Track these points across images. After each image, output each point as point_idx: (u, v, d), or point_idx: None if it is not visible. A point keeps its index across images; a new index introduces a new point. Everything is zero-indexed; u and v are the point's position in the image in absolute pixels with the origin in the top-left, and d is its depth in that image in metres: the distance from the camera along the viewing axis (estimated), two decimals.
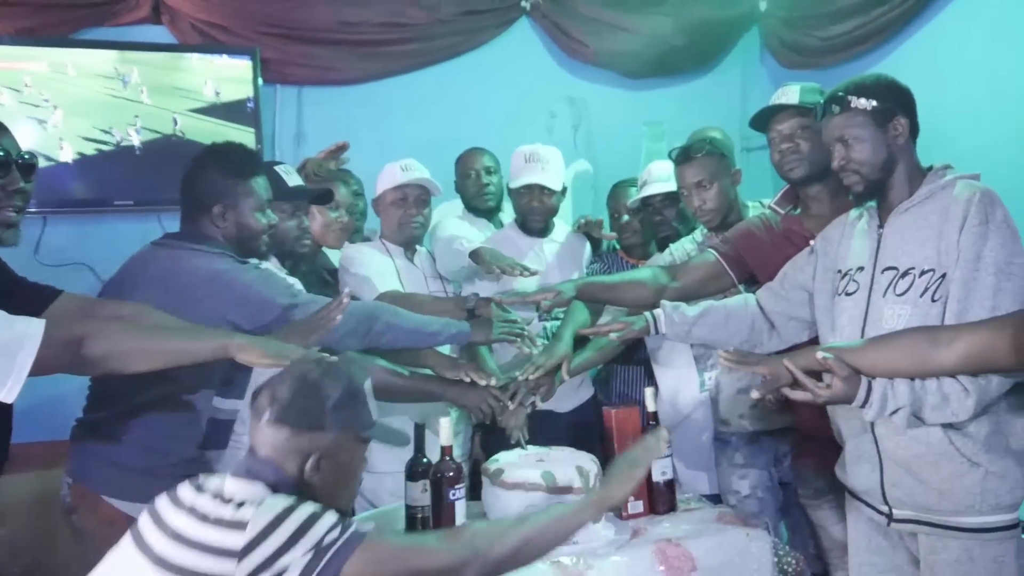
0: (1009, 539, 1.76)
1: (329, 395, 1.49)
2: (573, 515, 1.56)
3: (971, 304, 1.73)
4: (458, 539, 1.48)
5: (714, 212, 2.57)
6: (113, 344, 1.69)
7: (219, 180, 2.14)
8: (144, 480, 1.98)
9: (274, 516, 1.34)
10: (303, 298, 2.16)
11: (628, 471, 1.64)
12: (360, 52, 3.99)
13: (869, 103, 1.90)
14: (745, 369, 1.86)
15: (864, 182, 1.92)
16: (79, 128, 3.54)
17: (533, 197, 2.95)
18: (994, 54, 3.24)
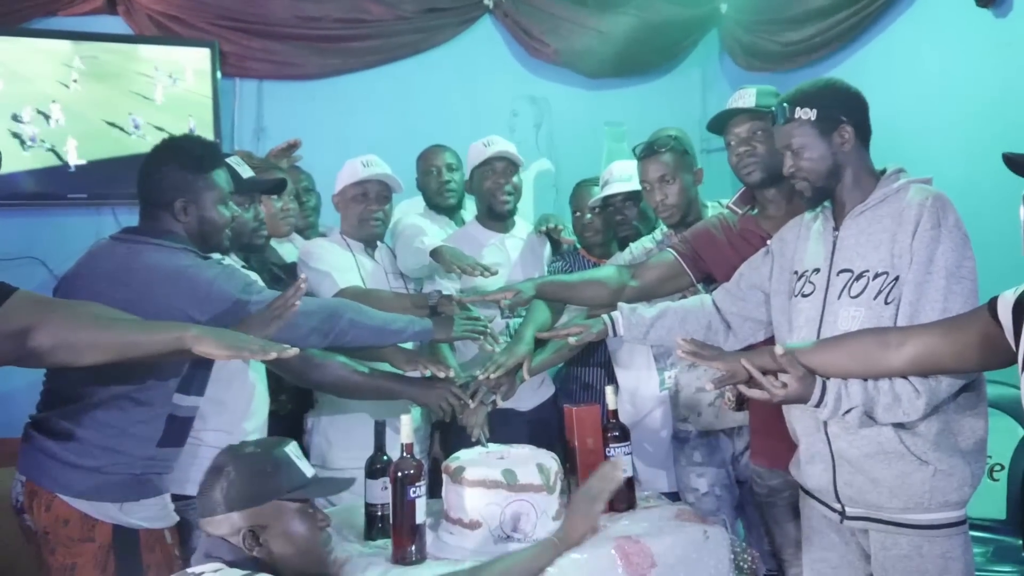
0: (956, 535, 1.81)
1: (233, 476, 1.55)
2: (535, 559, 1.68)
3: (923, 306, 1.77)
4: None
5: (675, 208, 2.59)
6: (62, 335, 1.65)
7: (179, 174, 2.10)
8: (99, 478, 1.96)
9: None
10: (266, 294, 2.13)
11: (587, 508, 1.79)
12: (320, 47, 3.96)
13: (812, 112, 1.93)
14: (701, 362, 1.88)
15: (811, 189, 1.96)
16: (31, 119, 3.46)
17: (499, 174, 2.94)
18: (947, 61, 3.31)
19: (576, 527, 1.77)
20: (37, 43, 3.49)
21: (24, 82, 3.46)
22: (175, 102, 3.67)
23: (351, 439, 2.59)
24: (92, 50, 3.55)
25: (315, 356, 2.39)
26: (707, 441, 2.61)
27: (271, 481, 1.55)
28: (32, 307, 1.70)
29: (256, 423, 2.36)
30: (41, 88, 3.48)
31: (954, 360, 1.68)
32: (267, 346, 1.70)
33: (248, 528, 1.53)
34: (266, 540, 1.52)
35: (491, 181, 2.95)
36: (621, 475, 1.90)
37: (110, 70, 3.58)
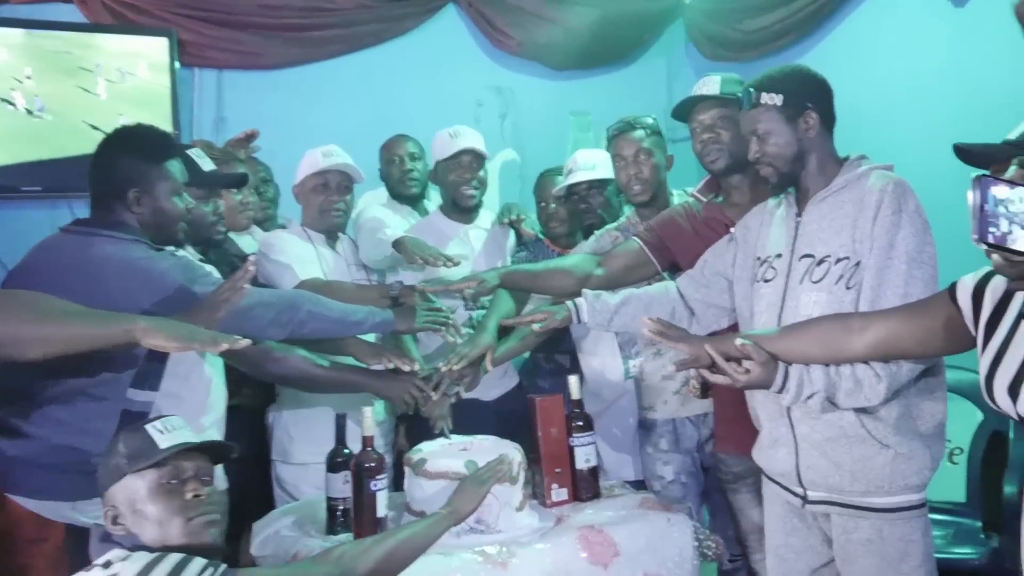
0: (917, 518, 1.82)
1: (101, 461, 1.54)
2: (428, 528, 1.77)
3: (884, 291, 1.78)
4: (326, 560, 1.60)
5: (647, 184, 2.59)
6: (6, 329, 1.61)
7: (132, 164, 2.05)
8: (53, 477, 1.92)
9: (142, 566, 1.37)
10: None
11: (475, 489, 1.91)
12: (282, 37, 3.91)
13: (778, 98, 1.93)
14: (666, 342, 1.88)
15: (776, 175, 1.97)
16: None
17: (465, 168, 2.91)
18: (908, 48, 3.35)
19: (464, 505, 1.88)
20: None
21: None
22: (132, 92, 3.59)
23: (313, 433, 2.56)
24: (46, 39, 3.46)
25: (274, 349, 2.35)
26: (673, 428, 2.61)
27: (121, 460, 1.52)
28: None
29: (213, 417, 2.32)
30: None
31: (915, 345, 1.69)
32: (218, 337, 1.67)
33: (107, 509, 1.52)
34: (123, 520, 1.50)
35: (456, 175, 2.92)
36: (507, 470, 2.02)
37: (65, 60, 3.49)
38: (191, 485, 1.51)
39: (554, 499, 2.27)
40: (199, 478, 1.53)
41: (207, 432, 2.28)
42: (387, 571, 1.65)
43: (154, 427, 1.54)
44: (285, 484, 2.69)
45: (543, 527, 2.11)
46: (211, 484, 1.56)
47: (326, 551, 1.64)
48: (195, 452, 1.55)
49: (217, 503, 1.55)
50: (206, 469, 1.56)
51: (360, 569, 1.59)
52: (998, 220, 1.16)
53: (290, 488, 2.67)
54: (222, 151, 2.85)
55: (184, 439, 1.54)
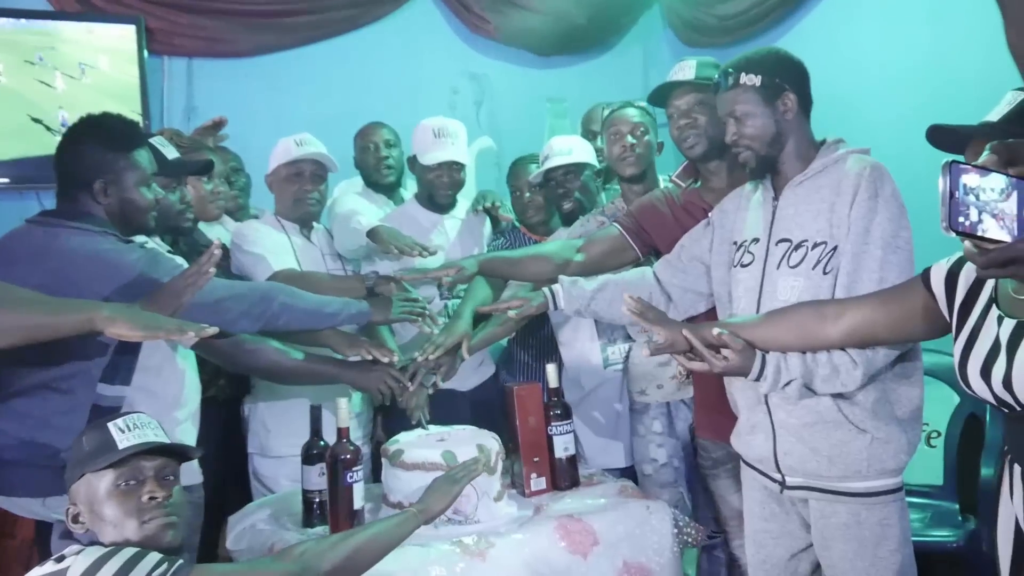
0: (894, 502, 1.83)
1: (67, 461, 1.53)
2: (397, 527, 1.72)
3: (860, 276, 1.78)
4: (288, 557, 1.56)
5: (640, 158, 2.61)
6: None
7: (98, 154, 2.01)
8: (21, 473, 1.88)
9: (93, 560, 1.35)
10: None
11: (447, 488, 1.87)
12: (253, 23, 3.86)
13: (757, 79, 1.92)
14: (644, 324, 1.87)
15: (755, 158, 1.95)
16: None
17: (445, 174, 2.87)
18: (883, 32, 3.35)
19: (436, 503, 1.84)
20: None
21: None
22: (99, 81, 3.53)
23: (289, 425, 2.53)
24: (10, 28, 3.39)
25: (247, 341, 2.32)
26: (667, 411, 2.61)
27: (81, 458, 1.49)
28: None
29: (188, 411, 2.28)
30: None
31: (890, 331, 1.69)
32: (184, 326, 1.64)
33: (68, 507, 1.50)
34: (83, 518, 1.48)
35: (434, 176, 2.88)
36: (481, 469, 1.98)
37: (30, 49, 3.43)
38: (148, 487, 1.47)
39: (533, 488, 2.26)
40: (159, 479, 1.49)
41: (182, 426, 2.24)
42: (352, 569, 1.61)
43: (116, 425, 1.50)
44: (262, 477, 2.66)
45: (522, 517, 2.10)
46: (174, 484, 1.52)
47: (289, 548, 1.61)
48: (158, 451, 1.51)
49: (177, 504, 1.51)
50: (168, 469, 1.52)
51: (323, 567, 1.55)
52: (968, 208, 1.15)
53: (267, 481, 2.64)
54: (190, 139, 2.80)
55: (145, 439, 1.50)
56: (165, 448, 1.53)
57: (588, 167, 2.82)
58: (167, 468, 1.52)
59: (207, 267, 1.83)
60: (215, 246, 1.86)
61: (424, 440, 2.18)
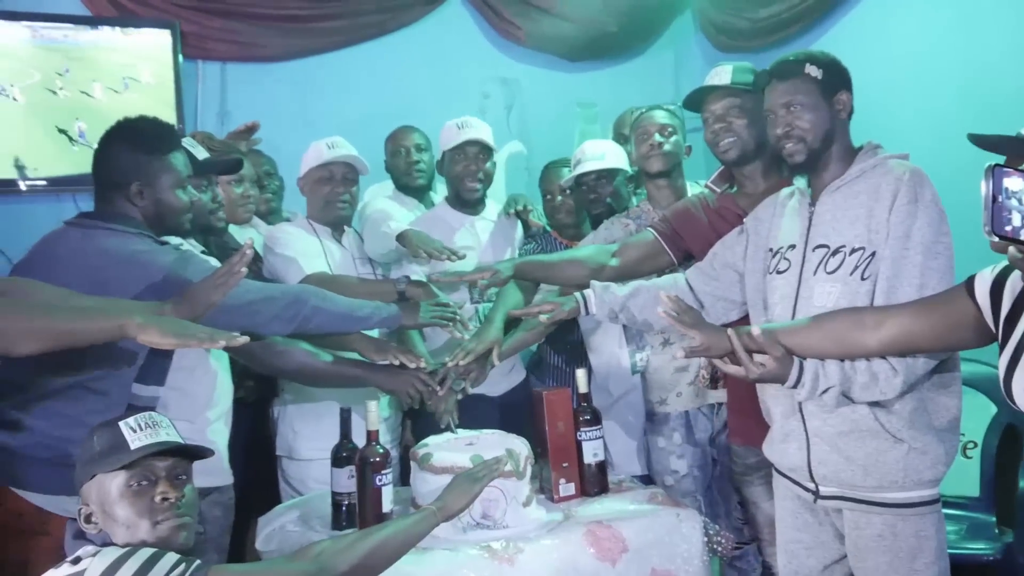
0: (930, 513, 1.79)
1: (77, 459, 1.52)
2: (415, 525, 1.71)
3: (899, 283, 1.75)
4: (305, 557, 1.55)
5: (668, 156, 2.61)
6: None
7: (133, 156, 2.04)
8: (53, 471, 1.89)
9: (111, 562, 1.34)
10: None
11: (467, 486, 1.86)
12: (284, 28, 3.89)
13: (820, 72, 1.91)
14: (679, 327, 1.85)
15: (806, 151, 1.91)
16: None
17: (471, 160, 2.87)
18: (915, 35, 3.30)
19: (455, 502, 1.83)
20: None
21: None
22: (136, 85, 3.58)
23: (317, 427, 2.54)
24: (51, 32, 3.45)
25: (278, 343, 2.33)
26: (686, 421, 2.59)
27: (93, 458, 1.49)
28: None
29: (219, 411, 2.30)
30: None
31: (931, 340, 1.66)
32: (215, 334, 1.64)
33: (80, 507, 1.49)
34: (96, 518, 1.47)
35: (462, 166, 2.88)
36: (503, 468, 1.97)
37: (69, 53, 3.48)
38: (161, 487, 1.46)
39: (561, 494, 2.24)
40: (171, 479, 1.48)
41: (214, 425, 2.27)
42: (370, 568, 1.59)
43: (127, 424, 1.49)
44: (291, 480, 2.67)
45: (550, 522, 2.08)
46: (187, 483, 1.51)
47: (307, 547, 1.60)
48: (169, 450, 1.50)
49: (189, 504, 1.49)
50: (180, 468, 1.51)
51: (340, 566, 1.54)
52: (1011, 212, 1.13)
53: (296, 484, 2.65)
54: (222, 143, 2.82)
55: (157, 438, 1.49)
56: (177, 447, 1.52)
57: (621, 172, 2.81)
58: (179, 468, 1.51)
59: (239, 267, 1.83)
60: (246, 246, 1.86)
61: (453, 444, 2.17)
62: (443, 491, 1.86)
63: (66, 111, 3.51)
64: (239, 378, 2.49)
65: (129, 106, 3.41)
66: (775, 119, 1.95)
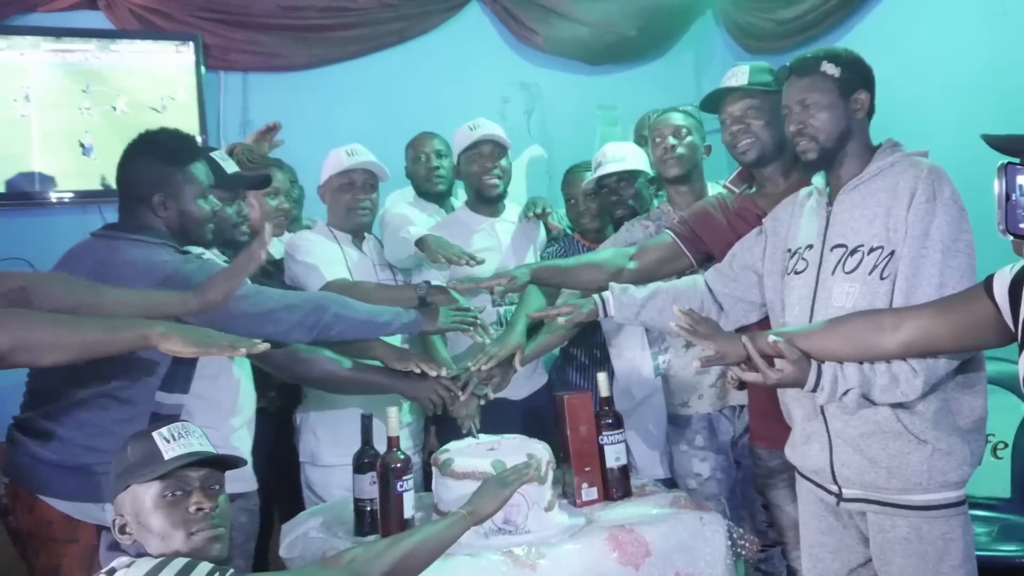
0: (956, 516, 1.76)
1: (112, 468, 1.52)
2: (446, 530, 1.71)
3: (919, 282, 1.73)
4: (337, 564, 1.55)
5: (682, 159, 2.59)
6: (19, 336, 1.60)
7: (156, 168, 2.07)
8: (81, 479, 1.93)
9: (145, 572, 1.35)
10: (247, 288, 2.09)
11: (497, 491, 1.85)
12: (305, 38, 3.91)
13: (837, 70, 1.89)
14: (694, 339, 1.84)
15: (818, 149, 1.90)
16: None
17: (485, 157, 2.88)
18: (941, 34, 3.27)
19: (485, 506, 1.82)
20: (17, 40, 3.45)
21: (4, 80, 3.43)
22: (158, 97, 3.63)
23: (340, 434, 2.55)
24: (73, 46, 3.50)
25: (300, 350, 2.35)
26: (708, 424, 2.57)
27: (127, 469, 1.49)
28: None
29: (243, 418, 2.32)
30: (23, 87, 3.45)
31: (950, 341, 1.64)
32: (236, 342, 1.66)
33: (115, 518, 1.49)
34: (130, 529, 1.47)
35: (478, 165, 2.90)
36: (532, 474, 1.96)
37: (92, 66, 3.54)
38: (195, 497, 1.46)
39: (584, 498, 2.23)
40: (204, 489, 1.48)
41: (238, 432, 2.29)
42: (401, 574, 1.60)
43: (160, 435, 1.50)
44: (314, 486, 2.69)
45: (573, 527, 2.08)
46: (220, 493, 1.52)
47: (339, 554, 1.61)
48: (203, 461, 1.50)
49: (223, 514, 1.50)
50: (214, 479, 1.52)
51: (373, 572, 1.54)
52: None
53: (319, 490, 2.66)
54: (260, 156, 2.84)
55: (191, 448, 1.50)
56: (210, 457, 1.53)
57: (642, 174, 2.80)
58: (212, 478, 1.51)
59: (259, 251, 1.83)
60: (265, 233, 1.85)
61: (474, 449, 2.17)
62: (472, 495, 1.85)
63: (90, 125, 3.55)
64: (261, 388, 2.51)
65: (153, 119, 3.49)
66: (790, 115, 1.94)
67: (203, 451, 1.51)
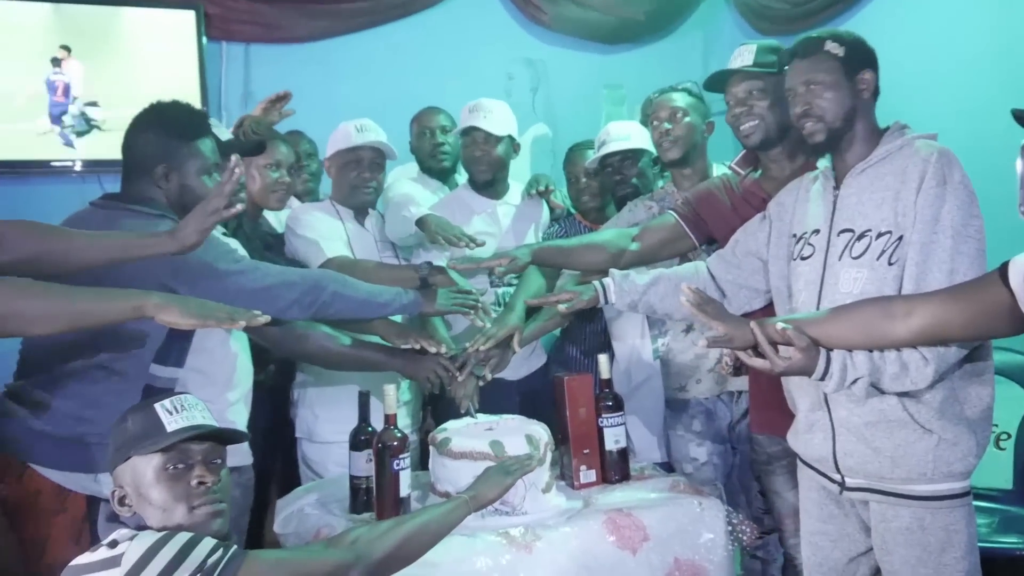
0: (960, 507, 1.74)
1: (111, 439, 1.51)
2: (448, 514, 1.71)
3: (929, 267, 1.69)
4: (341, 544, 1.55)
5: (679, 140, 2.54)
6: (8, 305, 1.57)
7: (162, 140, 2.04)
8: (72, 449, 1.92)
9: (149, 546, 1.33)
10: (245, 263, 2.08)
11: (500, 478, 1.84)
12: (308, 9, 3.87)
13: (841, 49, 1.86)
14: (702, 318, 1.79)
15: (826, 131, 1.87)
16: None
17: (475, 145, 2.84)
18: (956, 18, 3.23)
19: (487, 492, 1.82)
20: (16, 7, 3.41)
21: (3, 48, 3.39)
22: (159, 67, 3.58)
23: (337, 411, 2.53)
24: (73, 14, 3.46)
25: (298, 326, 2.32)
26: (706, 409, 2.55)
27: (128, 440, 1.47)
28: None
29: (239, 393, 2.29)
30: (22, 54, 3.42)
31: (963, 329, 1.61)
32: (235, 314, 1.64)
33: (114, 489, 1.48)
34: (129, 501, 1.46)
35: (468, 150, 2.87)
36: (536, 466, 1.95)
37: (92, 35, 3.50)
38: (197, 471, 1.45)
39: (582, 481, 2.22)
40: (207, 463, 1.47)
41: (234, 407, 2.26)
42: (404, 556, 1.59)
43: (163, 407, 1.48)
44: (311, 463, 2.67)
45: (570, 509, 2.06)
46: (222, 468, 1.50)
47: (341, 534, 1.60)
48: (205, 435, 1.49)
49: (224, 490, 1.48)
50: (216, 453, 1.50)
51: (376, 553, 1.53)
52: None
53: (316, 467, 2.65)
54: (267, 128, 2.79)
55: (194, 421, 1.48)
56: (213, 431, 1.51)
57: (646, 153, 2.77)
58: (214, 452, 1.50)
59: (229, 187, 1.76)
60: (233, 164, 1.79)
61: (472, 429, 2.15)
62: (475, 481, 1.85)
63: (90, 93, 3.52)
64: (260, 362, 2.48)
65: (153, 88, 3.43)
66: (795, 97, 1.90)
67: (206, 424, 1.50)
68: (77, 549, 1.80)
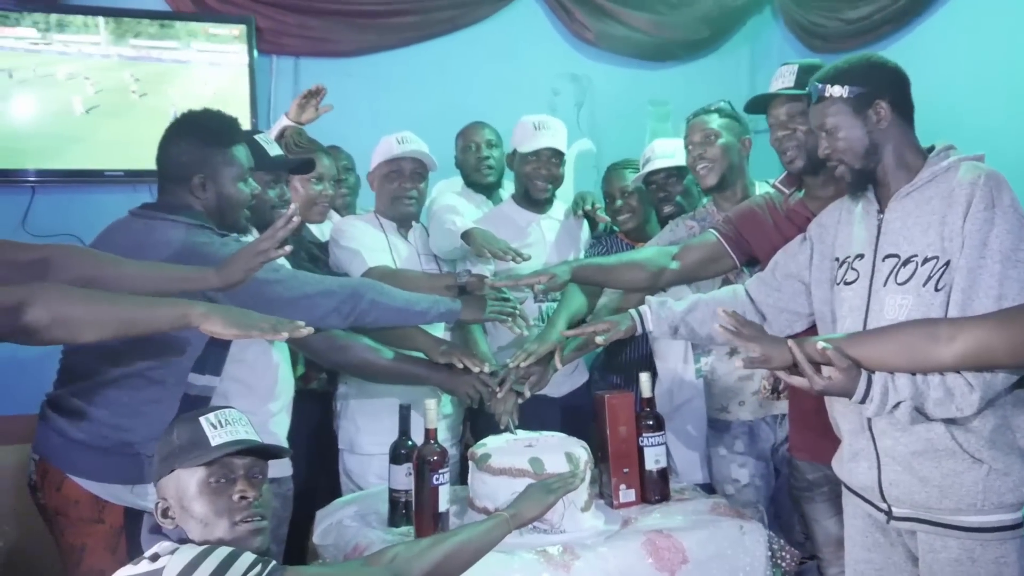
0: (1012, 539, 1.69)
1: (156, 450, 1.53)
2: (488, 532, 1.70)
3: (976, 293, 1.65)
4: (379, 561, 1.56)
5: (713, 163, 2.51)
6: (59, 311, 1.58)
7: (197, 149, 2.06)
8: (109, 460, 1.94)
9: (189, 560, 1.34)
10: (284, 273, 2.09)
11: (542, 496, 1.85)
12: (357, 24, 3.91)
13: (844, 90, 1.81)
14: (738, 342, 1.77)
15: (850, 172, 1.85)
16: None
17: (542, 164, 2.85)
18: (1008, 37, 3.16)
19: (528, 511, 1.82)
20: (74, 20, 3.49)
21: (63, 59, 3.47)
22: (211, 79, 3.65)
23: (378, 423, 2.54)
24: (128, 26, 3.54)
25: (339, 337, 2.34)
26: (749, 430, 2.52)
27: (173, 452, 1.48)
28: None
29: (281, 404, 2.32)
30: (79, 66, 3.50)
31: (1010, 356, 1.57)
32: (278, 325, 1.64)
33: (158, 501, 1.49)
34: (173, 513, 1.47)
35: (532, 167, 2.87)
36: (578, 485, 1.95)
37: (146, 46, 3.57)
38: (239, 485, 1.46)
39: (621, 500, 2.20)
40: (249, 477, 1.48)
41: (276, 418, 2.29)
42: (442, 575, 1.59)
43: (208, 420, 1.49)
44: (351, 474, 2.69)
45: (608, 529, 2.05)
46: (262, 483, 1.52)
47: (380, 551, 1.60)
48: (248, 450, 1.50)
49: (265, 505, 1.49)
50: (258, 468, 1.51)
51: (413, 572, 1.54)
52: None
53: (356, 478, 2.66)
54: (309, 140, 2.83)
55: (238, 435, 1.49)
56: (256, 446, 1.52)
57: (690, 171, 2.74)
58: (257, 467, 1.51)
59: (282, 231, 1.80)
60: (290, 212, 1.84)
61: (512, 445, 2.14)
62: (516, 499, 1.85)
63: (141, 105, 3.59)
64: (313, 370, 2.50)
65: (204, 100, 3.51)
66: (819, 140, 1.88)
67: (250, 439, 1.51)
68: (113, 559, 1.84)
